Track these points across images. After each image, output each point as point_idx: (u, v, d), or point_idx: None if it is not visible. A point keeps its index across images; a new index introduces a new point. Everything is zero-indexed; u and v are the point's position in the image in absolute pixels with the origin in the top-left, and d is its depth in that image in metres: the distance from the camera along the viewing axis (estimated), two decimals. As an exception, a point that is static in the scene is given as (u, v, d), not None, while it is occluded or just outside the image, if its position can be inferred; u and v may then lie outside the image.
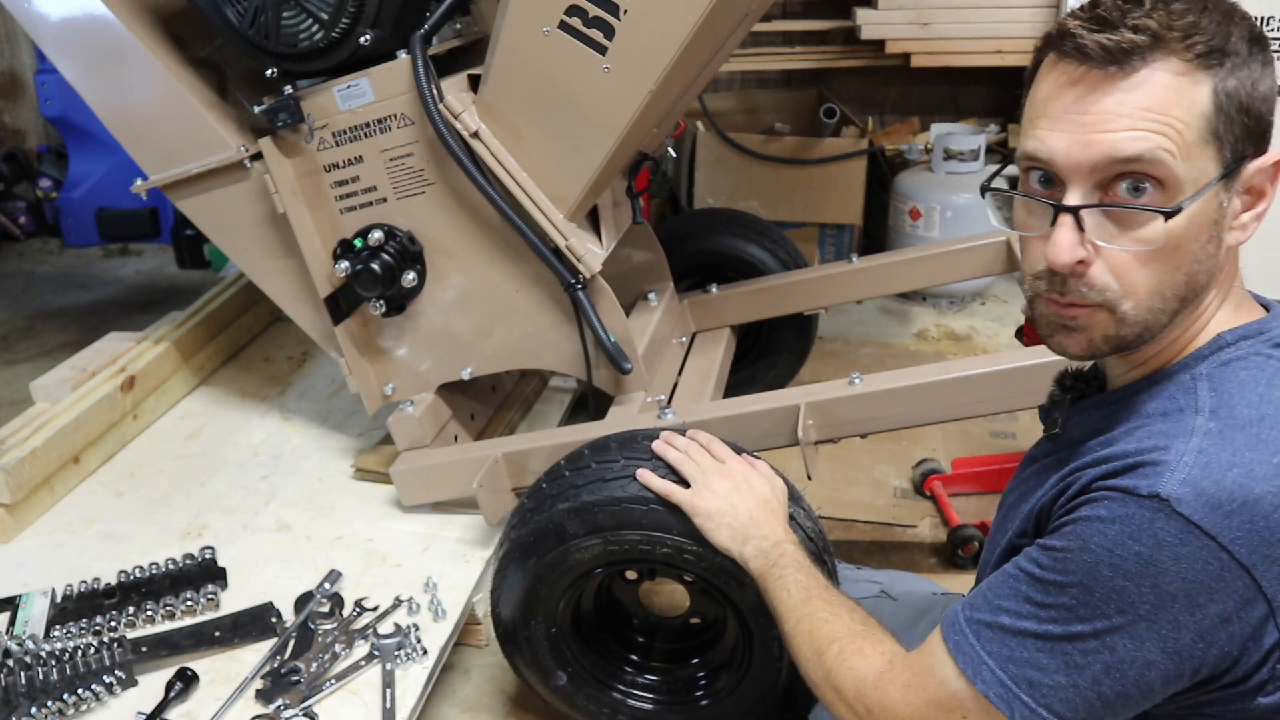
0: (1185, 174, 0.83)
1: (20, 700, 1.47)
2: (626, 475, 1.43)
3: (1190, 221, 0.85)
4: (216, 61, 2.02)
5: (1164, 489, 0.79)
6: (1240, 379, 0.86)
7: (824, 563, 1.43)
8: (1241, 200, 0.89)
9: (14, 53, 4.41)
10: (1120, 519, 0.80)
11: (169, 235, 4.07)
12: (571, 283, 1.79)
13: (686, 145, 3.62)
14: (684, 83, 1.79)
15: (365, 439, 2.25)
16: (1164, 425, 0.86)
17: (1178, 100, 0.82)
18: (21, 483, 1.94)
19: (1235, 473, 0.79)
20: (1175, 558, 0.78)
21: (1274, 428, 0.82)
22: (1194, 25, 0.83)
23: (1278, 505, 0.78)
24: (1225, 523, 0.77)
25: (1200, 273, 0.88)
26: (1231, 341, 0.90)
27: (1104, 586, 0.81)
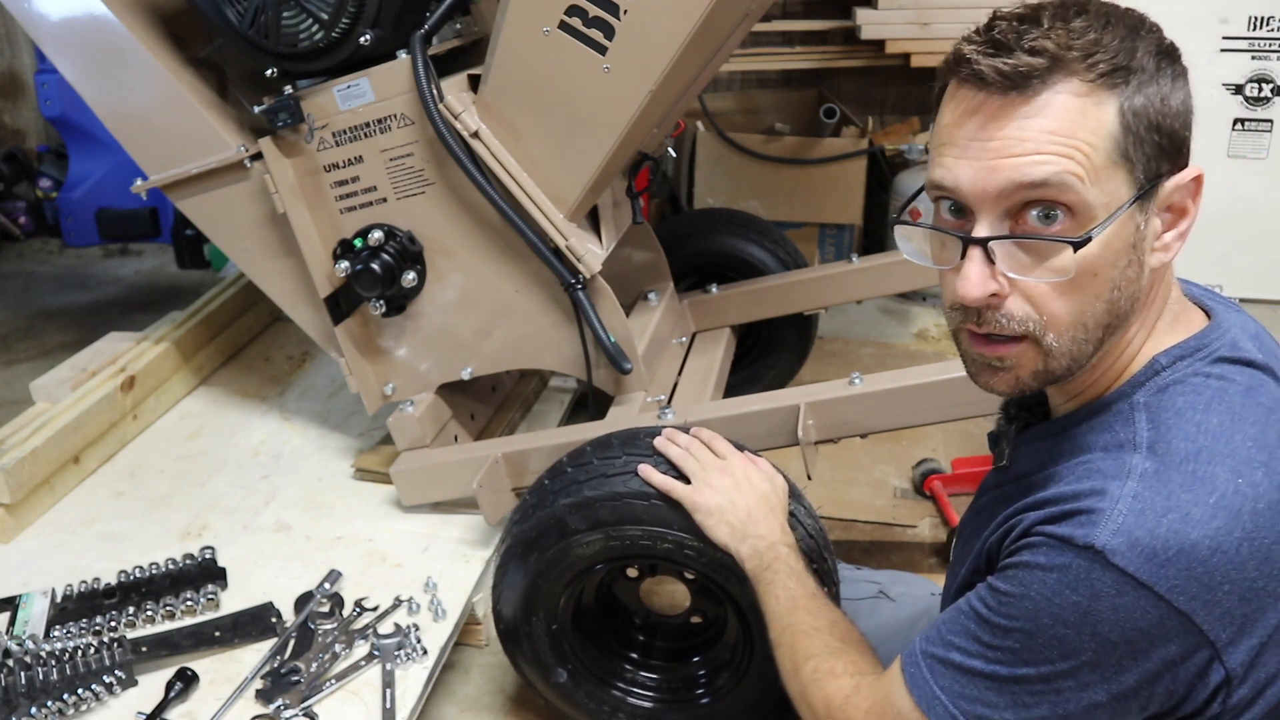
0: (1095, 198, 0.80)
1: (20, 700, 1.47)
2: (628, 471, 1.44)
3: (1105, 248, 0.81)
4: (216, 61, 2.02)
5: (1099, 540, 0.77)
6: (1177, 406, 0.83)
7: (824, 559, 1.43)
8: (1162, 220, 0.85)
9: (14, 53, 4.41)
10: (1058, 568, 0.80)
11: (169, 235, 4.07)
12: (571, 283, 1.79)
13: (686, 145, 3.62)
14: (684, 83, 1.79)
15: (365, 439, 2.25)
16: (1104, 463, 0.84)
17: (1082, 122, 0.79)
18: (21, 483, 1.94)
19: (1170, 519, 0.77)
20: (1113, 608, 0.77)
21: (1211, 460, 0.80)
22: (1094, 43, 0.79)
23: (1214, 549, 0.76)
24: (1161, 572, 0.76)
25: (1122, 298, 0.84)
26: (1167, 364, 0.86)
27: (1045, 634, 0.81)
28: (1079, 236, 0.80)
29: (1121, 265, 0.82)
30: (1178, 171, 0.83)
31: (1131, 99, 0.79)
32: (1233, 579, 0.77)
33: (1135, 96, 0.79)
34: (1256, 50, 3.14)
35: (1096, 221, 0.80)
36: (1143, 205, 0.82)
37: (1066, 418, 0.92)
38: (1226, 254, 3.25)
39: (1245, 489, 0.78)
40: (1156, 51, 0.81)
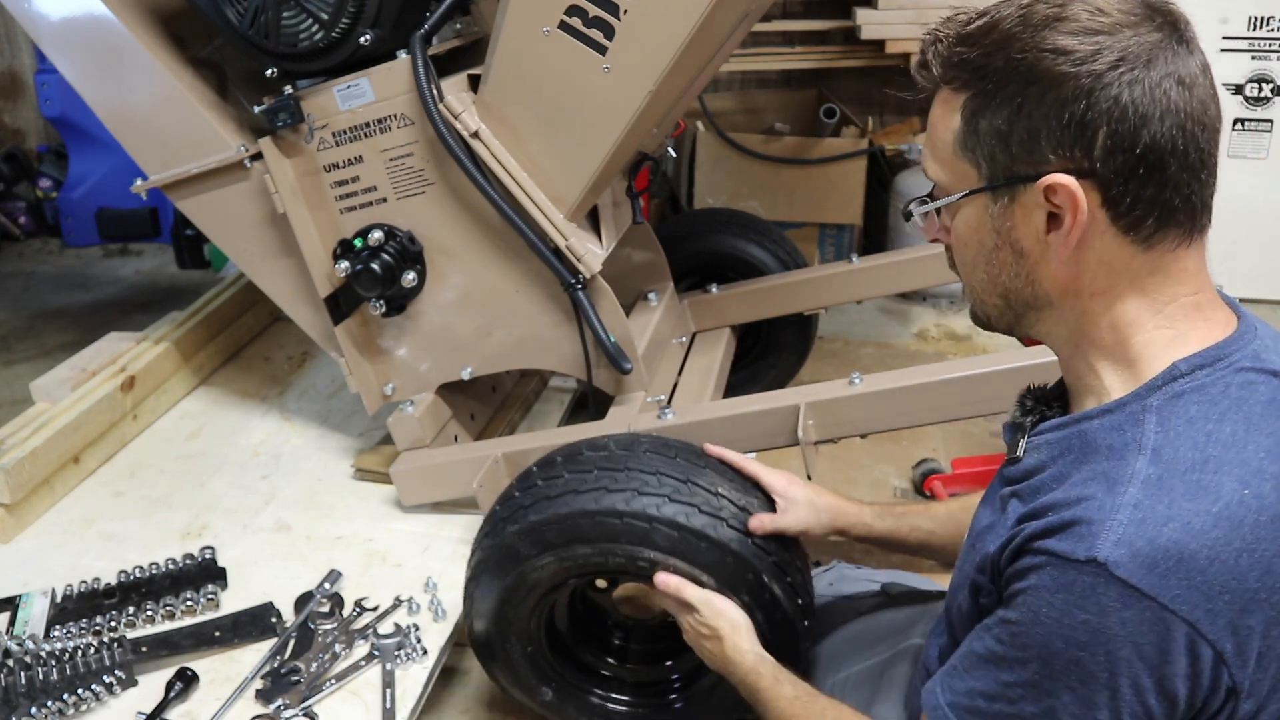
0: (947, 181, 0.93)
1: (20, 700, 1.47)
2: (570, 490, 1.42)
3: (964, 224, 0.93)
4: (216, 61, 2.02)
5: (1100, 552, 0.78)
6: (1190, 415, 0.84)
7: (798, 571, 1.42)
8: (1043, 219, 0.88)
9: (14, 53, 4.41)
10: (1063, 588, 0.80)
11: (169, 235, 4.07)
12: (571, 283, 1.79)
13: (686, 145, 3.62)
14: (684, 83, 1.79)
15: (365, 439, 2.25)
16: (1107, 465, 0.84)
17: (944, 121, 0.92)
18: (21, 483, 1.94)
19: (1170, 528, 0.77)
20: (1121, 622, 0.78)
21: (1216, 470, 0.80)
22: (962, 62, 0.89)
23: (1214, 559, 0.77)
24: (1163, 582, 0.77)
25: (1012, 276, 0.92)
26: (1186, 371, 0.86)
27: (1062, 659, 0.81)
28: (921, 199, 0.97)
29: (988, 246, 0.92)
30: (1046, 175, 0.85)
31: (972, 105, 0.89)
32: (1232, 589, 0.77)
33: (976, 104, 0.88)
34: (1256, 50, 3.14)
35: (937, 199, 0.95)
36: (995, 197, 0.90)
37: (1080, 416, 0.92)
38: (1226, 254, 3.25)
39: (1250, 500, 0.78)
40: (1018, 71, 0.85)
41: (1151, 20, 0.84)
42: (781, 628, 1.38)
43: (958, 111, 0.90)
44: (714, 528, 1.37)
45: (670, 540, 1.37)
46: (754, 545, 1.38)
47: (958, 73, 0.89)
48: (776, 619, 1.37)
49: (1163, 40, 0.83)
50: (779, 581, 1.38)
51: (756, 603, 1.37)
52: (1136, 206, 0.85)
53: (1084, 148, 0.83)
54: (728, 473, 1.46)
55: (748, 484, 1.46)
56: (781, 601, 1.38)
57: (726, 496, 1.41)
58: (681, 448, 1.48)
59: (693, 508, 1.38)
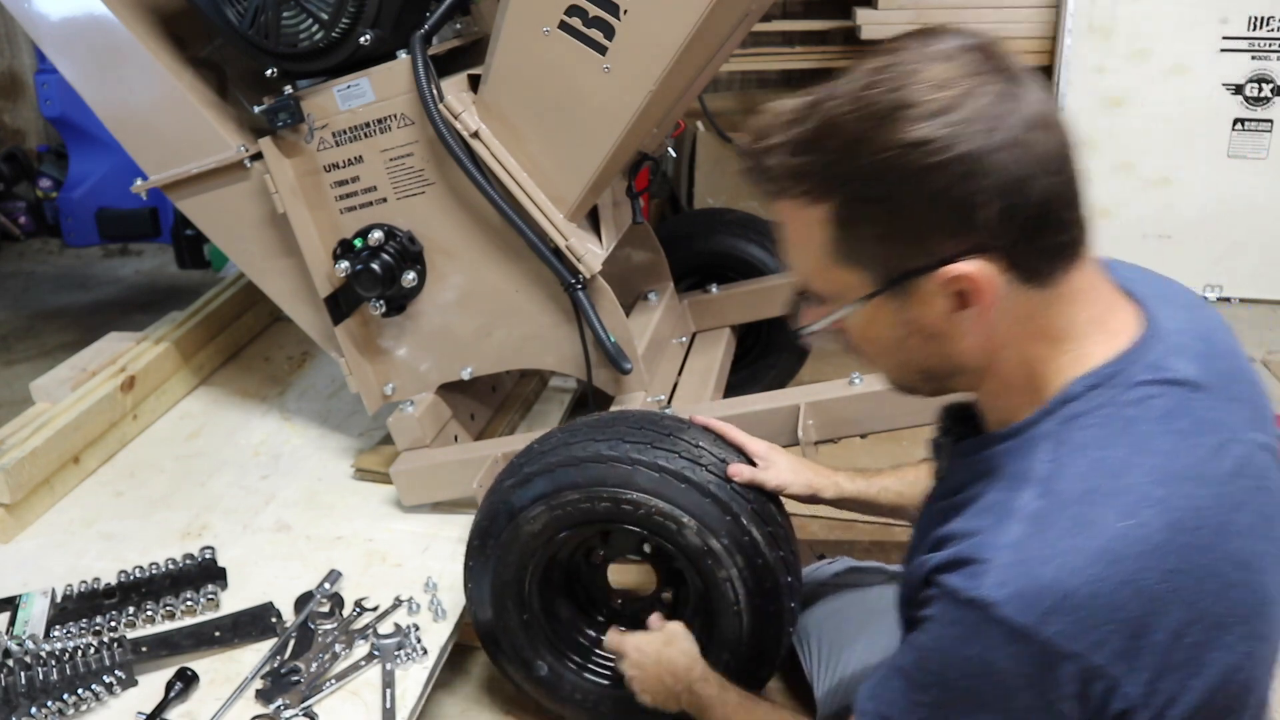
0: (828, 290, 0.89)
1: (20, 700, 1.47)
2: (561, 444, 1.50)
3: (861, 326, 0.90)
4: (216, 61, 2.02)
5: (983, 593, 0.79)
6: (1080, 441, 0.84)
7: (789, 546, 1.47)
8: (950, 301, 0.84)
9: (14, 53, 4.41)
10: (954, 623, 0.82)
11: (169, 235, 4.07)
12: (571, 283, 1.79)
13: (686, 145, 3.62)
14: (684, 83, 1.79)
15: (365, 439, 2.25)
16: (1001, 495, 0.85)
17: (807, 235, 0.87)
18: (21, 483, 1.94)
19: (1050, 567, 0.78)
20: (1007, 656, 0.79)
21: (1099, 502, 0.80)
22: (797, 168, 0.84)
23: (1094, 594, 0.78)
24: (1045, 620, 0.78)
25: (928, 357, 0.90)
26: (1080, 392, 0.85)
27: (958, 687, 0.83)
28: (804, 328, 0.94)
29: (896, 338, 0.89)
30: (946, 261, 0.82)
31: (840, 215, 0.84)
32: (1117, 619, 0.78)
33: (843, 213, 0.84)
34: (1256, 50, 3.14)
35: (835, 308, 0.90)
36: (893, 295, 0.86)
37: (988, 438, 0.93)
38: (1227, 254, 3.25)
39: (1130, 532, 0.79)
40: (880, 170, 0.80)
41: (985, 70, 0.81)
42: (763, 574, 1.42)
43: (824, 223, 0.85)
44: (693, 470, 1.43)
45: (652, 481, 1.43)
46: (734, 490, 1.44)
47: (809, 184, 0.85)
48: (758, 565, 1.42)
49: (1004, 89, 0.81)
50: (759, 527, 1.43)
51: (736, 545, 1.41)
52: (1036, 260, 0.84)
53: (975, 227, 0.81)
54: (710, 436, 1.52)
55: (731, 450, 1.51)
56: (762, 546, 1.42)
57: (707, 449, 1.48)
58: (667, 416, 1.55)
59: (673, 453, 1.45)
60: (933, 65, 0.81)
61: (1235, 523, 0.83)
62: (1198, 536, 0.80)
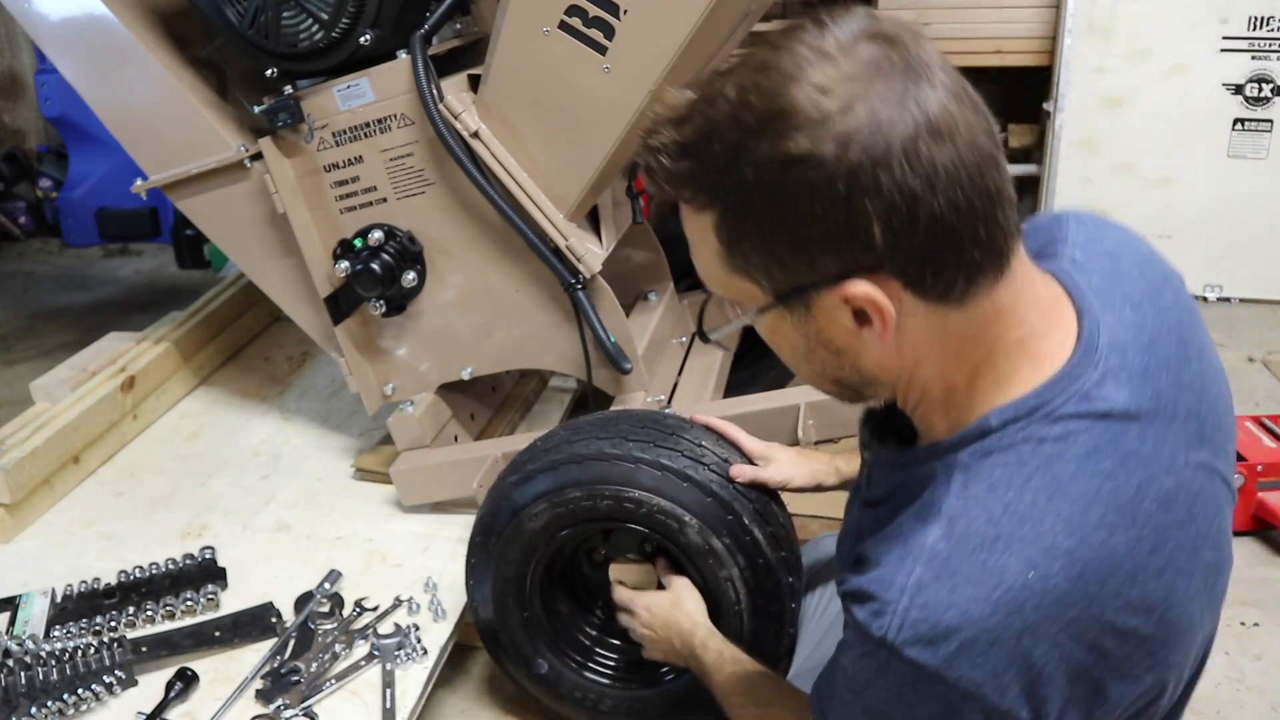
0: (732, 294, 0.85)
1: (20, 700, 1.47)
2: (564, 441, 1.50)
3: (768, 333, 0.87)
4: (216, 61, 2.02)
5: (889, 634, 0.79)
6: (993, 479, 0.80)
7: (791, 548, 1.47)
8: (847, 316, 0.80)
9: (14, 53, 4.41)
10: (866, 655, 0.82)
11: (169, 235, 4.07)
12: (571, 283, 1.79)
13: (686, 145, 3.62)
14: (684, 83, 1.79)
15: (365, 439, 2.25)
16: (910, 524, 0.83)
17: (701, 242, 0.83)
18: (21, 483, 1.94)
19: (951, 614, 0.77)
20: (916, 693, 0.80)
21: (1004, 550, 0.78)
22: (691, 180, 0.79)
23: (994, 641, 0.76)
24: (947, 663, 0.77)
25: (836, 369, 0.86)
26: (997, 426, 0.81)
27: (876, 710, 0.84)
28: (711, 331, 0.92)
29: (802, 349, 0.85)
30: (836, 278, 0.77)
31: (724, 225, 0.79)
32: (1017, 665, 0.77)
33: (727, 223, 0.79)
34: (1256, 50, 3.14)
35: (742, 311, 0.85)
36: (790, 309, 0.81)
37: (908, 455, 0.91)
38: (1226, 254, 3.25)
39: (1034, 583, 0.77)
40: (757, 186, 0.75)
41: (880, 68, 0.73)
42: (764, 574, 1.42)
43: (712, 230, 0.80)
44: (696, 469, 1.43)
45: (654, 479, 1.43)
46: (736, 489, 1.43)
47: (691, 190, 0.80)
48: (759, 564, 1.42)
49: (900, 90, 0.73)
50: (760, 527, 1.43)
51: (738, 545, 1.41)
52: (940, 277, 0.77)
53: (863, 246, 0.75)
54: (713, 436, 1.52)
55: (734, 449, 1.51)
56: (763, 546, 1.42)
57: (709, 448, 1.47)
58: (670, 415, 1.55)
59: (676, 452, 1.45)
60: (820, 65, 0.73)
61: (1149, 566, 0.80)
62: (1105, 585, 0.78)
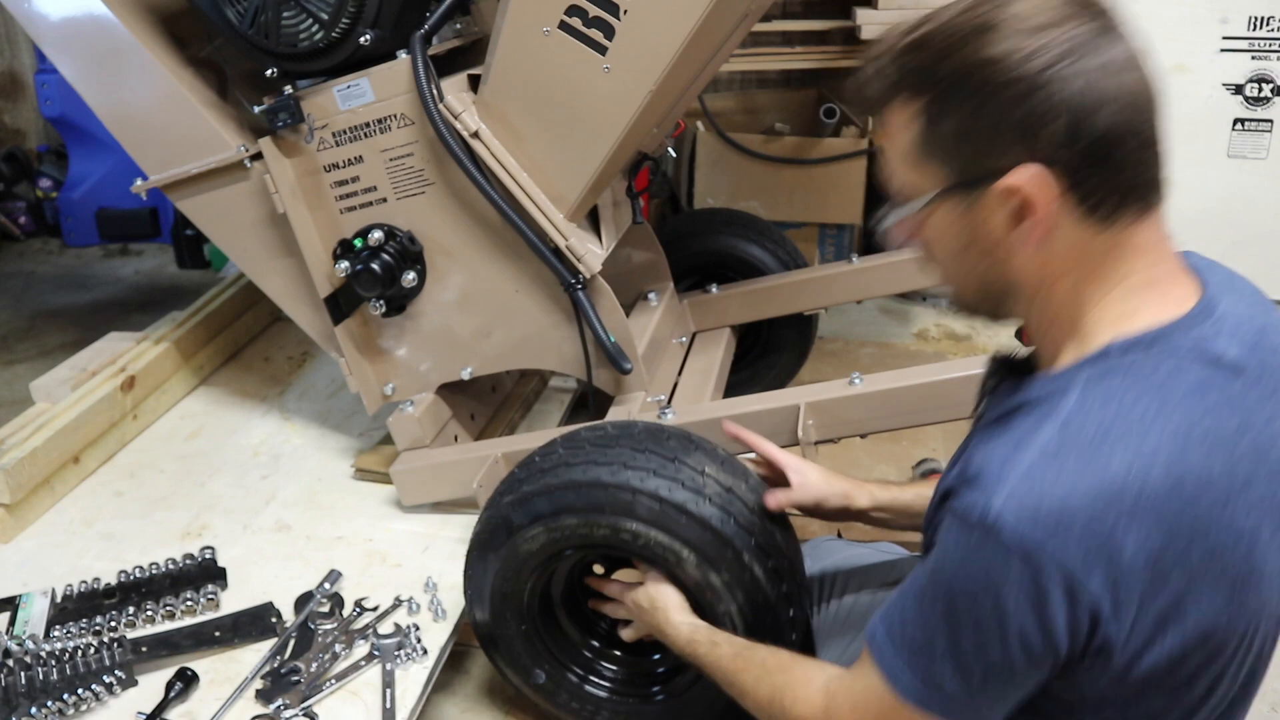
0: (909, 184, 0.97)
1: (20, 700, 1.47)
2: (562, 464, 1.47)
3: (933, 225, 0.97)
4: (216, 61, 2.02)
5: (989, 512, 0.85)
6: (1109, 391, 0.88)
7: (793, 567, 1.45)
8: (1010, 210, 0.91)
9: (14, 53, 4.41)
10: (961, 541, 0.88)
11: (169, 235, 4.07)
12: (571, 283, 1.79)
13: (686, 145, 3.62)
14: (684, 83, 1.79)
15: (365, 439, 2.25)
16: (1023, 429, 0.90)
17: (903, 130, 0.95)
18: (21, 483, 1.94)
19: (1054, 493, 0.84)
20: (1005, 574, 0.85)
21: (1112, 445, 0.85)
22: (911, 71, 0.94)
23: (1090, 523, 0.83)
24: (1043, 540, 0.83)
25: (986, 269, 0.96)
26: (1119, 352, 0.90)
27: (961, 603, 0.89)
28: (886, 213, 1.01)
29: (960, 244, 0.96)
30: (1011, 166, 0.89)
31: (930, 111, 0.92)
32: (1107, 554, 0.83)
33: (934, 109, 0.92)
34: (1256, 50, 3.14)
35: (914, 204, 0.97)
36: (962, 196, 0.93)
37: (1029, 382, 0.97)
38: (1226, 254, 3.21)
39: (1136, 475, 0.84)
40: (970, 74, 0.89)
41: (1080, 16, 0.88)
42: (763, 611, 1.40)
43: (916, 117, 0.93)
44: (696, 503, 1.39)
45: (651, 512, 1.40)
46: (736, 524, 1.39)
47: (909, 81, 0.94)
48: (758, 601, 1.39)
49: (1093, 32, 0.87)
50: (760, 563, 1.39)
51: (736, 581, 1.38)
52: (1097, 190, 0.89)
53: (1041, 141, 0.87)
54: (718, 456, 1.48)
55: (740, 469, 1.48)
56: (763, 584, 1.39)
57: (713, 476, 1.43)
58: (675, 432, 1.51)
59: (676, 483, 1.41)
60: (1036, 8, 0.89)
61: (1241, 498, 0.86)
62: (1200, 498, 0.85)
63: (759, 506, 1.43)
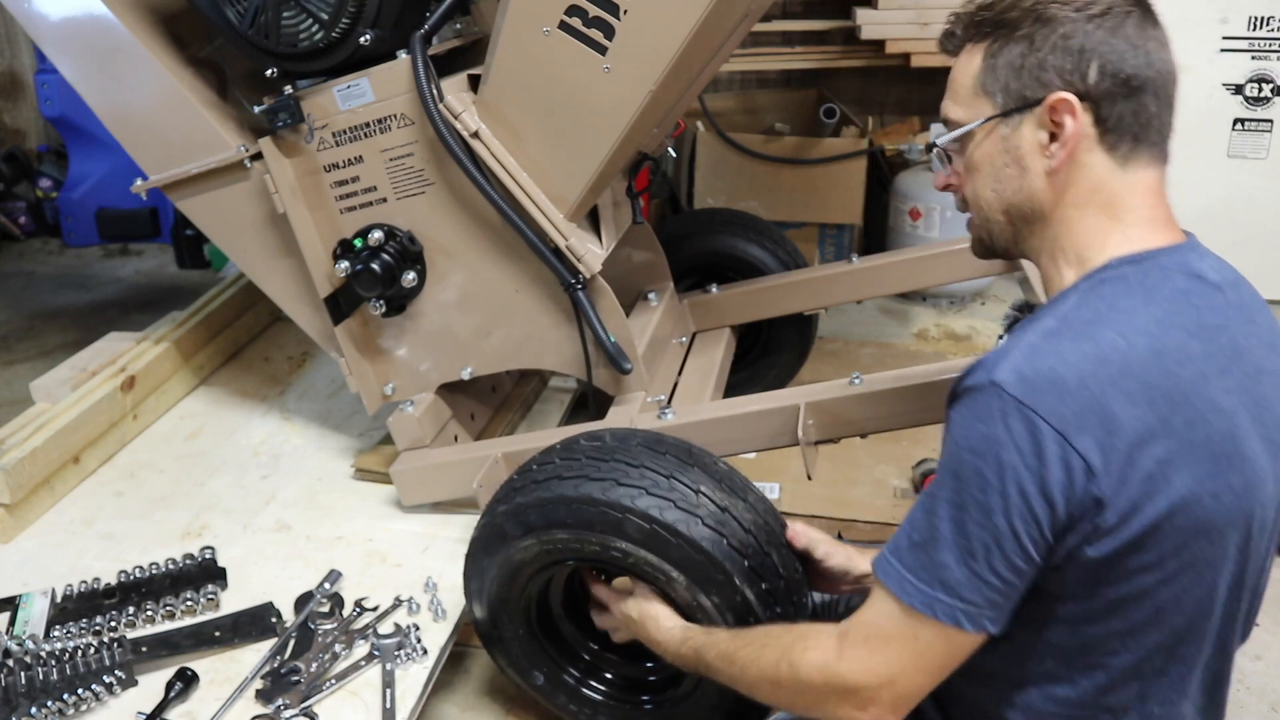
0: (962, 117, 1.13)
1: (20, 700, 1.47)
2: (555, 476, 1.46)
3: (978, 150, 1.12)
4: (216, 61, 2.02)
5: (996, 375, 0.97)
6: (1104, 292, 1.02)
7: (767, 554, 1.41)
8: (1044, 135, 1.07)
9: (14, 53, 4.41)
10: (968, 409, 0.99)
11: (169, 235, 4.07)
12: (571, 283, 1.79)
13: (686, 145, 3.62)
14: (684, 83, 1.79)
15: (365, 439, 2.25)
16: (1028, 327, 1.02)
17: (965, 67, 1.13)
18: (21, 483, 1.94)
19: (1051, 359, 0.96)
20: (1007, 429, 0.95)
21: (1102, 325, 0.98)
22: (984, 20, 1.11)
23: (1081, 385, 0.94)
24: (1040, 398, 0.94)
25: (1016, 192, 1.10)
26: (1114, 266, 1.05)
27: (967, 469, 0.98)
28: (942, 136, 1.17)
29: (999, 165, 1.11)
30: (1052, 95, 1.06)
31: (992, 49, 1.09)
32: (1097, 413, 0.94)
33: (995, 47, 1.09)
34: (1256, 50, 3.14)
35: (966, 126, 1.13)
36: (1007, 120, 1.09)
37: (1040, 308, 1.09)
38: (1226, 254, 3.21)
39: (1121, 344, 0.97)
40: (1029, 18, 1.07)
41: (1130, 4, 1.07)
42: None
43: (979, 57, 1.11)
44: (687, 525, 1.37)
45: (641, 532, 1.38)
46: (729, 546, 1.36)
47: (980, 29, 1.11)
48: (750, 624, 1.35)
49: (1138, 16, 1.06)
50: (753, 586, 1.36)
51: (727, 604, 1.36)
52: (1116, 128, 1.05)
53: (1081, 75, 1.05)
54: (717, 471, 1.45)
55: (739, 484, 1.45)
56: (754, 606, 1.36)
57: (708, 495, 1.40)
58: (674, 445, 1.48)
59: (668, 502, 1.38)
60: None
61: (1219, 381, 0.98)
62: (1179, 371, 0.97)
63: (756, 525, 1.41)
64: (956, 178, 1.19)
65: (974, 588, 0.98)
